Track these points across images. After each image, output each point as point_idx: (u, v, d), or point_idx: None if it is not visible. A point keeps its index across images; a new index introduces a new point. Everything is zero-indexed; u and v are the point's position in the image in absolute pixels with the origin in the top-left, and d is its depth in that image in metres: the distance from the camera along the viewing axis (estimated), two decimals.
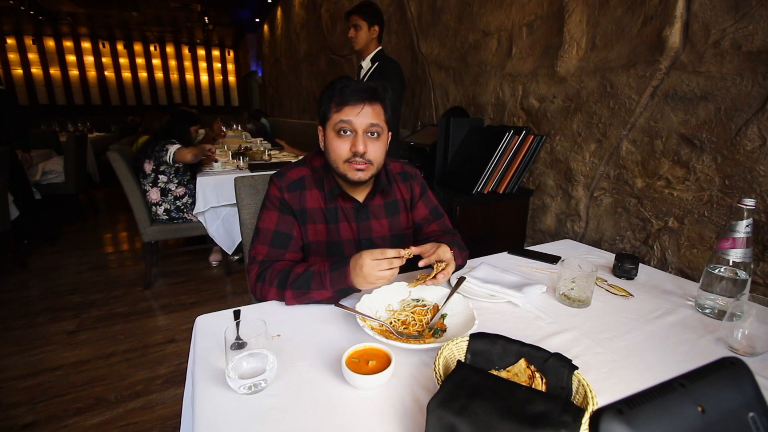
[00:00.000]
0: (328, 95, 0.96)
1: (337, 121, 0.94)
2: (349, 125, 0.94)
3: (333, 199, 1.04)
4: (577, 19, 1.55)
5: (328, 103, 0.96)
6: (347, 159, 0.96)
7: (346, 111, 0.93)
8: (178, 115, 2.88)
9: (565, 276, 0.94)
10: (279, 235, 1.00)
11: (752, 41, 1.07)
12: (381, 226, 1.10)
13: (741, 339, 0.77)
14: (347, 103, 0.93)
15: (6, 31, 8.93)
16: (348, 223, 1.07)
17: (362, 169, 0.96)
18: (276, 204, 1.02)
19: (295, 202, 1.02)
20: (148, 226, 2.61)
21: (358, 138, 0.94)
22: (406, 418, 0.59)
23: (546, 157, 1.78)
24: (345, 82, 0.95)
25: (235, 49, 11.53)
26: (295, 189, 1.03)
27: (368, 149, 0.95)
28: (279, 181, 1.03)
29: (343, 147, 0.95)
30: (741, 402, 0.31)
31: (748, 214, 0.85)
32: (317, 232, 1.05)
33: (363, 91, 0.93)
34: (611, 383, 0.68)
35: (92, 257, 3.34)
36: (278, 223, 1.01)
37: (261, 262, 0.97)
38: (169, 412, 1.62)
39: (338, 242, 1.07)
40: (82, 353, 2.00)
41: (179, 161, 2.56)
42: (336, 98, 0.94)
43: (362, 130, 0.94)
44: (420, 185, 1.17)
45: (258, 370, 0.64)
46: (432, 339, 0.79)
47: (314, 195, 1.04)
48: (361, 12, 2.17)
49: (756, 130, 1.08)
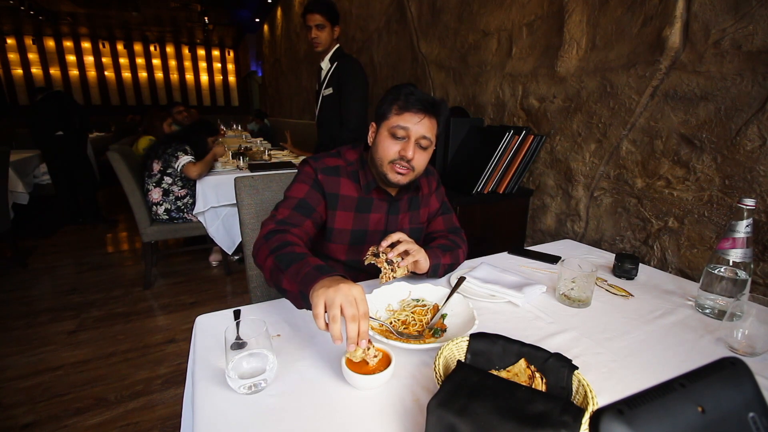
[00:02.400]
0: (393, 97, 0.99)
1: (395, 124, 0.97)
2: (405, 131, 0.97)
3: (368, 192, 1.07)
4: (577, 19, 1.55)
5: (391, 104, 0.99)
6: (393, 160, 0.99)
7: (406, 117, 0.96)
8: (199, 123, 2.94)
9: (565, 276, 0.94)
10: (305, 204, 1.01)
11: (752, 41, 1.07)
12: (404, 219, 1.14)
13: (741, 339, 0.77)
14: (409, 109, 0.96)
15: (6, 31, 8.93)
16: (379, 215, 1.10)
17: (403, 174, 1.00)
18: (309, 180, 1.04)
19: (329, 186, 1.04)
20: (148, 226, 2.61)
21: (409, 144, 0.97)
22: (406, 418, 0.59)
23: (546, 157, 1.78)
24: (411, 89, 0.98)
25: (235, 49, 11.53)
26: (330, 174, 1.05)
27: (415, 157, 0.99)
28: (315, 163, 1.05)
29: (393, 148, 0.98)
30: (741, 402, 0.31)
31: (748, 214, 0.85)
32: (345, 220, 1.07)
33: (426, 102, 0.97)
34: (611, 383, 0.68)
35: (92, 257, 3.34)
36: (308, 194, 1.02)
37: (279, 221, 0.96)
38: (169, 412, 1.62)
39: (364, 231, 1.09)
40: (82, 353, 2.00)
41: (185, 173, 2.60)
42: (400, 102, 0.97)
43: (415, 138, 0.97)
44: (437, 180, 1.22)
45: (258, 370, 0.64)
46: (432, 339, 0.79)
47: (348, 184, 1.07)
48: (324, 11, 2.09)
49: (756, 130, 1.08)
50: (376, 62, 3.36)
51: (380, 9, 3.18)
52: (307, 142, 4.38)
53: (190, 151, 2.65)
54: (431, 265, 0.97)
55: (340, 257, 1.10)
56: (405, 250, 0.91)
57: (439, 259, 1.00)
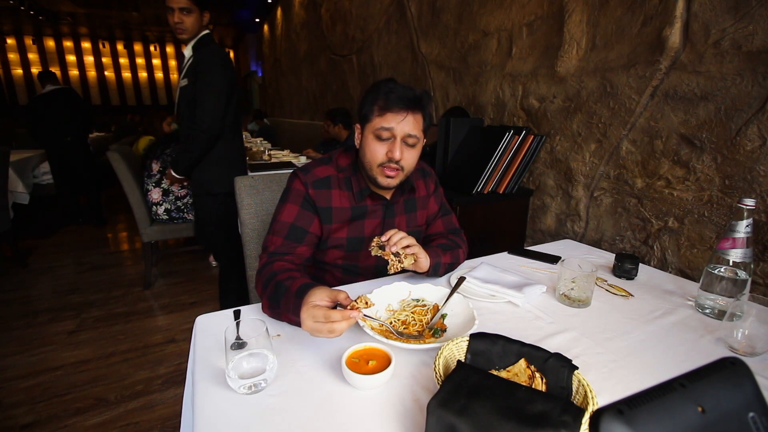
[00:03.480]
0: (373, 97, 0.96)
1: (378, 126, 0.94)
2: (390, 132, 0.94)
3: (362, 200, 1.05)
4: (577, 19, 1.55)
5: (371, 105, 0.95)
6: (381, 163, 0.97)
7: (389, 117, 0.93)
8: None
9: (565, 276, 0.94)
10: (295, 229, 0.99)
11: (752, 41, 1.07)
12: (401, 223, 1.12)
13: (741, 339, 0.77)
14: (390, 109, 0.93)
15: (6, 31, 8.92)
16: (374, 221, 1.08)
17: (392, 176, 0.98)
18: (298, 198, 1.01)
19: (320, 200, 1.02)
20: (148, 226, 2.61)
21: (395, 144, 0.95)
22: (406, 418, 0.59)
23: (546, 157, 1.78)
24: (391, 86, 0.94)
25: (235, 49, 11.52)
26: (320, 187, 1.02)
27: (404, 156, 0.96)
28: (304, 177, 1.02)
29: (380, 151, 0.96)
30: (741, 402, 0.31)
31: (748, 214, 0.85)
32: (340, 230, 1.05)
33: (407, 99, 0.93)
34: (611, 383, 0.68)
35: (92, 257, 3.34)
36: (297, 217, 1.00)
37: (271, 254, 0.95)
38: (169, 412, 1.62)
39: (360, 238, 1.07)
40: (82, 353, 2.00)
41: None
42: (380, 102, 0.94)
43: (401, 137, 0.95)
44: (435, 182, 1.20)
45: (258, 370, 0.64)
46: (432, 339, 0.79)
47: (340, 195, 1.04)
48: None
49: (756, 130, 1.08)
50: (376, 62, 3.36)
51: (380, 9, 3.18)
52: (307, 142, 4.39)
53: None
54: (432, 264, 0.97)
55: (336, 262, 1.09)
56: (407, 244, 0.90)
57: (439, 258, 1.00)
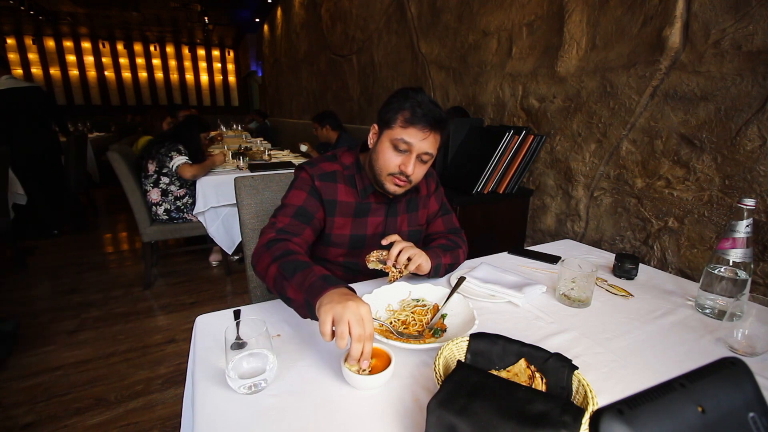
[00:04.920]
0: (399, 105, 0.94)
1: (398, 137, 0.94)
2: (408, 146, 0.94)
3: (365, 197, 1.06)
4: (577, 19, 1.55)
5: (396, 113, 0.94)
6: (392, 173, 0.97)
7: (412, 132, 0.93)
8: (189, 119, 2.89)
9: (565, 276, 0.94)
10: (304, 211, 0.99)
11: (752, 41, 1.07)
12: (402, 222, 1.13)
13: (741, 339, 0.77)
14: (416, 125, 0.92)
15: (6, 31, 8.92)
16: (377, 219, 1.08)
17: (400, 185, 0.99)
18: (306, 186, 1.02)
19: (326, 192, 1.03)
20: (148, 226, 2.60)
21: (410, 159, 0.95)
22: (406, 418, 0.59)
23: (546, 157, 1.78)
24: (420, 99, 0.93)
25: (235, 49, 11.52)
26: (327, 180, 1.03)
27: (415, 171, 0.97)
28: (311, 170, 1.03)
29: (394, 161, 0.96)
30: (741, 402, 0.31)
31: (748, 214, 0.84)
32: (343, 225, 1.06)
33: (433, 118, 0.92)
34: (611, 383, 0.68)
35: (92, 257, 3.34)
36: (306, 201, 1.00)
37: (280, 230, 0.94)
38: (169, 412, 1.62)
39: (362, 236, 1.08)
40: (82, 353, 2.00)
41: (179, 174, 2.58)
42: (407, 113, 0.93)
43: (417, 153, 0.95)
44: (435, 182, 1.20)
45: (258, 370, 0.64)
46: (432, 339, 0.79)
47: (345, 189, 1.05)
48: None
49: (756, 130, 1.08)
50: (376, 62, 3.36)
51: (380, 9, 3.18)
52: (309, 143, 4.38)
53: (183, 151, 2.62)
54: (432, 266, 0.97)
55: (338, 260, 1.10)
56: (407, 257, 0.91)
57: (440, 259, 1.00)
